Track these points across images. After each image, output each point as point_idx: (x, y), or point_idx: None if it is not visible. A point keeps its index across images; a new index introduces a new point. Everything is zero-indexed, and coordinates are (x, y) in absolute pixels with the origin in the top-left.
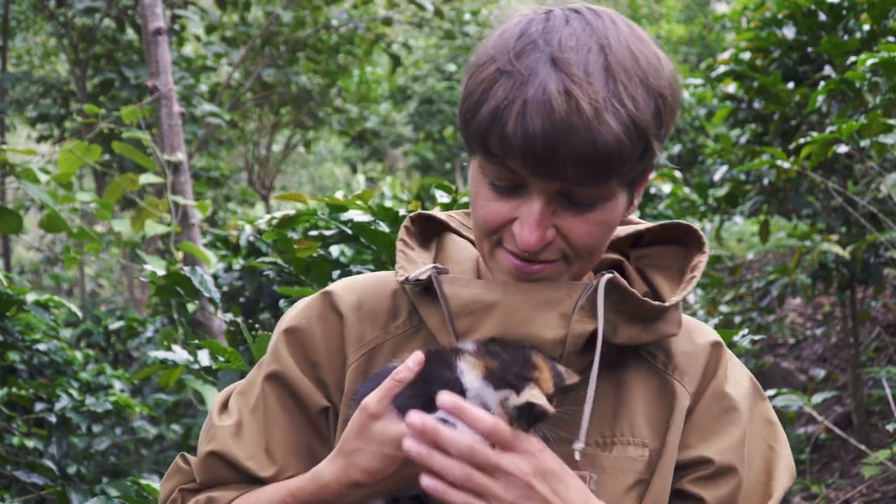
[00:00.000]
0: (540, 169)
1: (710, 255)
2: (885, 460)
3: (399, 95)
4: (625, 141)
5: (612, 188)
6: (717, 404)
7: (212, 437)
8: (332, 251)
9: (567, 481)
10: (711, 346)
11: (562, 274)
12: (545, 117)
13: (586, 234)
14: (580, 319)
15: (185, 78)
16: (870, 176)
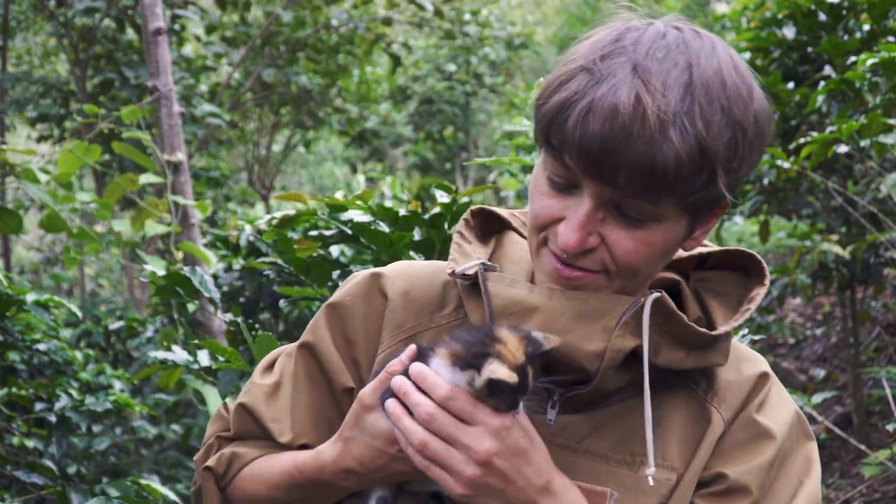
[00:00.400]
0: (593, 171)
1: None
2: (885, 460)
3: (399, 95)
4: (685, 161)
5: (664, 208)
6: (745, 431)
7: (248, 391)
8: (332, 251)
9: (532, 459)
10: (758, 377)
11: (601, 288)
12: (607, 119)
13: (630, 251)
14: (622, 335)
15: (185, 78)
16: (870, 176)
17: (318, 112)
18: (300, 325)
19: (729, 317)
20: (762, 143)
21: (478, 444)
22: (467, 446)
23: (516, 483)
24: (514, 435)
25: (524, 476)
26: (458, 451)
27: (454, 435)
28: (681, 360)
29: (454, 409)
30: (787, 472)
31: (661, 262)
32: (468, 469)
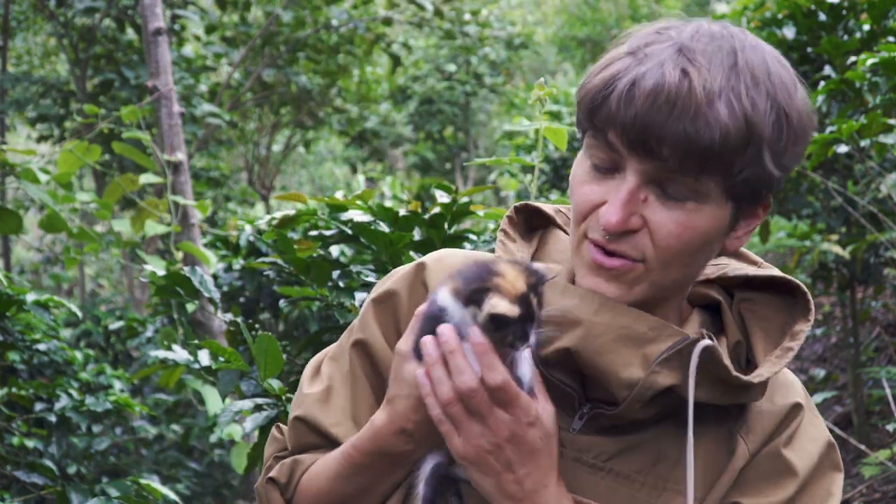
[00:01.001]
0: (637, 145)
1: None
2: (885, 460)
3: (399, 95)
4: (731, 134)
5: (707, 187)
6: (769, 464)
7: (300, 404)
8: (332, 251)
9: (541, 462)
10: (791, 408)
11: (638, 279)
12: (652, 92)
13: (672, 234)
14: (659, 371)
15: (185, 78)
16: (870, 176)
17: (318, 112)
18: (300, 325)
19: (771, 347)
20: (806, 136)
21: (500, 427)
22: (489, 426)
23: (515, 473)
24: (534, 433)
25: (526, 472)
26: (476, 424)
27: (484, 414)
28: (717, 397)
29: (499, 397)
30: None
31: (700, 257)
32: (479, 441)
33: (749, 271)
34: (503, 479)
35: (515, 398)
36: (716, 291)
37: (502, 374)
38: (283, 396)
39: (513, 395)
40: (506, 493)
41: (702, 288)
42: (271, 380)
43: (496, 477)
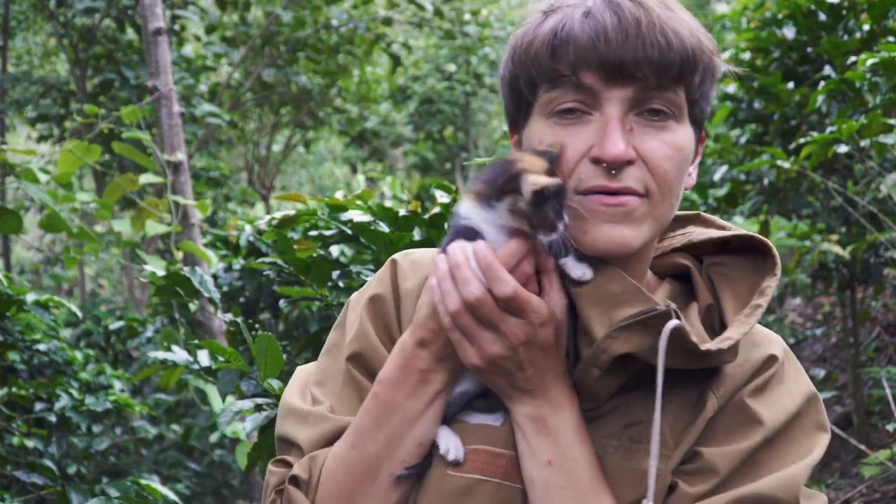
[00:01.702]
0: (614, 72)
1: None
2: (885, 460)
3: (399, 95)
4: (696, 44)
5: (681, 99)
6: (733, 415)
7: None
8: (332, 251)
9: (550, 353)
10: (764, 360)
11: (644, 216)
12: (616, 21)
13: (665, 157)
14: (617, 338)
15: (185, 78)
16: (870, 176)
17: (318, 112)
18: (300, 325)
19: (740, 307)
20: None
21: (513, 332)
22: (503, 332)
23: (526, 371)
24: (547, 332)
25: (535, 367)
26: (488, 332)
27: (495, 321)
28: (685, 363)
29: (511, 305)
30: (774, 461)
31: (682, 178)
32: (494, 347)
33: (714, 234)
34: (515, 378)
35: (527, 303)
36: (684, 258)
37: (510, 283)
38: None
39: (524, 301)
40: (516, 386)
41: (670, 257)
42: (271, 380)
43: (508, 377)
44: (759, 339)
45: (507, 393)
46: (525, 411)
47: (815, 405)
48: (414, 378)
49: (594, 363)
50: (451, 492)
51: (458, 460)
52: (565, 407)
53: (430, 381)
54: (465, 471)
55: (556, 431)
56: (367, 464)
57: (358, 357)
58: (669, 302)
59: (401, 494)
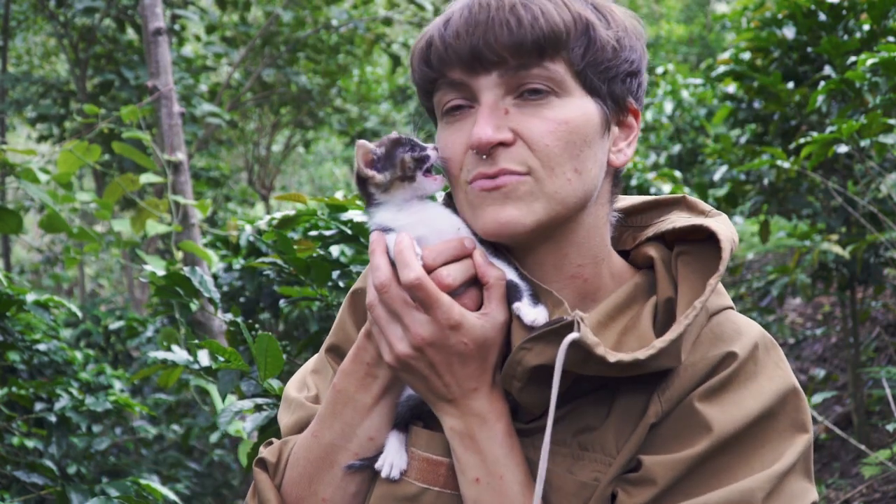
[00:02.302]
0: (474, 61)
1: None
2: (885, 460)
3: (399, 95)
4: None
5: (557, 73)
6: (680, 419)
7: (296, 407)
8: (332, 251)
9: (469, 364)
10: (721, 360)
11: (532, 194)
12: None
13: (544, 131)
14: (530, 349)
15: (185, 78)
16: (870, 176)
17: (318, 112)
18: (300, 325)
19: (693, 298)
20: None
21: (417, 329)
22: (407, 327)
23: (442, 377)
24: (457, 337)
25: (453, 374)
26: (398, 327)
27: (399, 312)
28: (616, 374)
29: (416, 295)
30: (730, 470)
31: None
32: (400, 346)
33: (678, 223)
34: (431, 382)
35: (433, 298)
36: (653, 249)
37: (416, 270)
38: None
39: (429, 294)
40: (437, 394)
41: (644, 248)
42: (271, 380)
43: (424, 380)
44: (725, 333)
45: (429, 399)
46: (451, 424)
47: (793, 403)
48: (362, 370)
49: (513, 375)
50: (397, 497)
51: (393, 478)
52: (492, 422)
53: (376, 374)
54: (411, 477)
55: (482, 447)
56: (323, 451)
57: (335, 349)
58: (578, 312)
59: (359, 484)
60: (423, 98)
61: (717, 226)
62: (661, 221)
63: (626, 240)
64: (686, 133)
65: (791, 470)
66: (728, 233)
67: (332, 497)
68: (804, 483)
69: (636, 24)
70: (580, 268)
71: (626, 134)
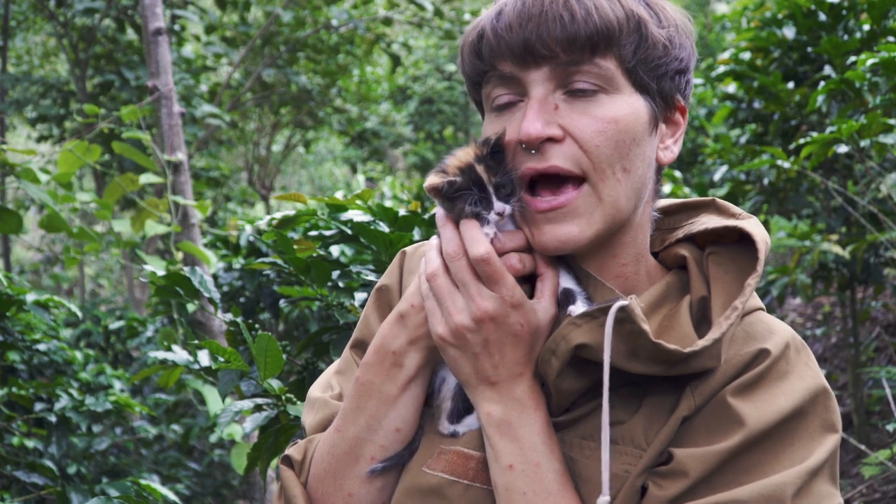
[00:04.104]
0: (526, 55)
1: None
2: (885, 460)
3: (399, 95)
4: (608, 12)
5: (607, 70)
6: (713, 413)
7: (321, 406)
8: (332, 251)
9: (520, 347)
10: (754, 356)
11: (590, 206)
12: (520, 6)
13: (596, 132)
14: (579, 325)
15: (185, 78)
16: (870, 176)
17: (318, 112)
18: (300, 325)
19: (727, 304)
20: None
21: (482, 302)
22: (472, 298)
23: (492, 357)
24: (516, 317)
25: (503, 355)
26: (460, 298)
27: (466, 282)
28: (659, 372)
29: (484, 270)
30: (760, 466)
31: (637, 161)
32: (459, 316)
33: (710, 224)
34: (480, 361)
35: (500, 275)
36: (685, 249)
37: (485, 246)
38: (283, 396)
39: (497, 271)
40: (481, 374)
41: (675, 248)
42: (271, 380)
43: (473, 359)
44: (757, 332)
45: (471, 382)
46: (489, 409)
47: (823, 403)
48: (388, 361)
49: (553, 351)
50: (423, 489)
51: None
52: (531, 410)
53: (402, 364)
54: (438, 470)
55: (519, 434)
56: (348, 446)
57: (360, 345)
58: (634, 296)
59: (385, 478)
60: (472, 90)
61: (750, 227)
62: (691, 223)
63: (655, 241)
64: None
65: (820, 469)
66: (762, 234)
67: (357, 492)
68: (830, 486)
69: (686, 21)
70: (624, 266)
71: (674, 131)
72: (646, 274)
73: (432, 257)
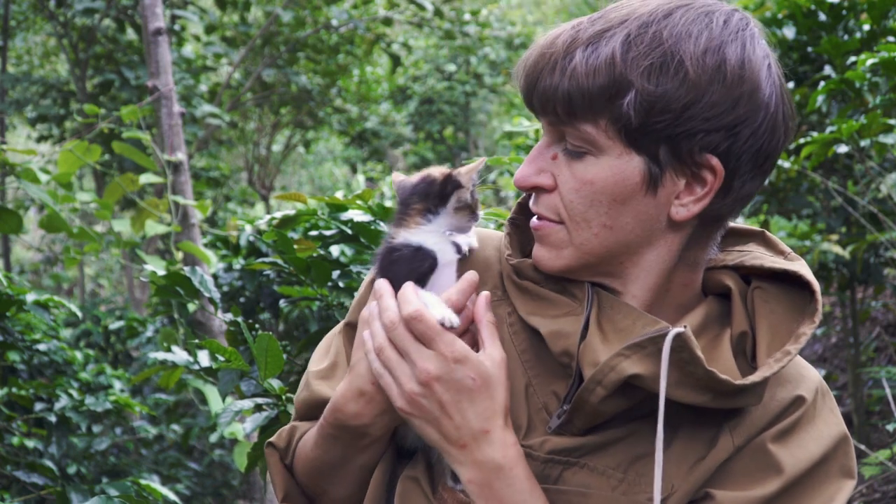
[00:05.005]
0: (528, 100)
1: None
2: (885, 460)
3: (399, 95)
4: (583, 80)
5: (591, 134)
6: (753, 458)
7: (304, 383)
8: (332, 251)
9: (477, 401)
10: (791, 402)
11: (562, 242)
12: (532, 54)
13: (572, 189)
14: (628, 356)
15: (185, 78)
16: (870, 176)
17: (318, 112)
18: (300, 325)
19: (775, 345)
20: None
21: (424, 364)
22: (414, 363)
23: (453, 418)
24: (463, 371)
25: (462, 413)
26: (407, 366)
27: (407, 349)
28: (704, 402)
29: (416, 328)
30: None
31: (622, 217)
32: (409, 384)
33: (766, 262)
34: (442, 425)
35: (434, 332)
36: (730, 278)
37: (415, 304)
38: (284, 396)
39: (429, 327)
40: (449, 438)
41: (718, 274)
42: (271, 380)
43: (436, 423)
44: (790, 376)
45: (443, 448)
46: (468, 476)
47: (843, 449)
48: (350, 432)
49: (600, 381)
50: None
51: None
52: (507, 469)
53: (367, 433)
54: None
55: (502, 496)
56: (328, 465)
57: (352, 326)
58: (685, 325)
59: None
60: None
61: (805, 272)
62: (742, 252)
63: None
64: None
65: None
66: (815, 281)
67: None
68: None
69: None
70: (642, 301)
71: (696, 189)
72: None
73: (376, 330)
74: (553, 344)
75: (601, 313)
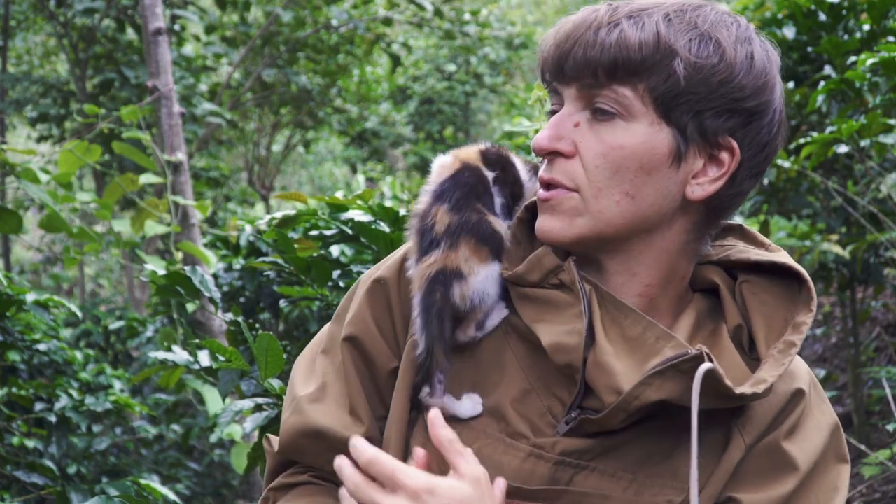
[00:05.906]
0: (557, 70)
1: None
2: (885, 460)
3: (399, 95)
4: (633, 42)
5: (626, 98)
6: (768, 458)
7: (294, 407)
8: (333, 251)
9: None
10: (792, 396)
11: (576, 210)
12: (568, 23)
13: (599, 153)
14: (651, 384)
15: (185, 78)
16: (870, 176)
17: (318, 112)
18: (300, 325)
19: (772, 338)
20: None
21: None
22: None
23: None
24: (435, 501)
25: None
26: None
27: (375, 500)
28: (715, 404)
29: (376, 474)
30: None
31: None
32: None
33: (752, 255)
34: None
35: (390, 470)
36: (716, 274)
37: (367, 452)
38: (284, 396)
39: (386, 466)
40: None
41: (704, 270)
42: (271, 379)
43: None
44: (786, 372)
45: None
46: None
47: (837, 436)
48: None
49: (625, 409)
50: None
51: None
52: None
53: None
54: None
55: None
56: None
57: (354, 342)
58: (702, 346)
59: None
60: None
61: (792, 262)
62: (725, 247)
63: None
64: None
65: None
66: (803, 270)
67: None
68: None
69: (765, 58)
70: (648, 287)
71: (713, 170)
72: (674, 297)
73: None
74: (556, 358)
75: (604, 315)
